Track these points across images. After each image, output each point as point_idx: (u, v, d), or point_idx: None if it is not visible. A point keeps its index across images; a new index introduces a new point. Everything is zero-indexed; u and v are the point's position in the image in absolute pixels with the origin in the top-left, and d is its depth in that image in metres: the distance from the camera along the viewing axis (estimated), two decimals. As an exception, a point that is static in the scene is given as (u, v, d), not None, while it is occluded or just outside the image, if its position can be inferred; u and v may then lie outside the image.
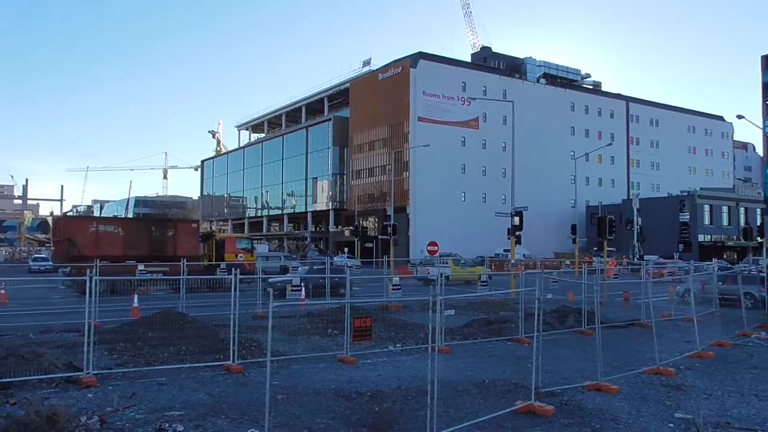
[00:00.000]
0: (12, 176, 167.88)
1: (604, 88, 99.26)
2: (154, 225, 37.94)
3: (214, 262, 33.58)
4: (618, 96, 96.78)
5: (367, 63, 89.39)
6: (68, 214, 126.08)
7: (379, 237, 61.63)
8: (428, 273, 35.17)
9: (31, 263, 50.10)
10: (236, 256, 35.54)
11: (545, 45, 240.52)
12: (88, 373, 10.88)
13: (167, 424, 8.32)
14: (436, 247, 34.05)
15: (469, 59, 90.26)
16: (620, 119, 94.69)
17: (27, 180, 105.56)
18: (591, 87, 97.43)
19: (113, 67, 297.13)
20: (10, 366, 10.90)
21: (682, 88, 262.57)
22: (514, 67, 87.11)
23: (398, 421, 8.57)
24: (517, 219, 30.45)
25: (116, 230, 34.23)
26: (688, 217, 70.13)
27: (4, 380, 10.26)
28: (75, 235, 32.70)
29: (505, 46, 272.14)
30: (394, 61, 79.05)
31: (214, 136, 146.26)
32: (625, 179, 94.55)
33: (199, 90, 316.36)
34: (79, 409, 8.93)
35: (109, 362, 12.44)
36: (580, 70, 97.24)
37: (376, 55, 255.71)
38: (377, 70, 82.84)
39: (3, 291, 23.29)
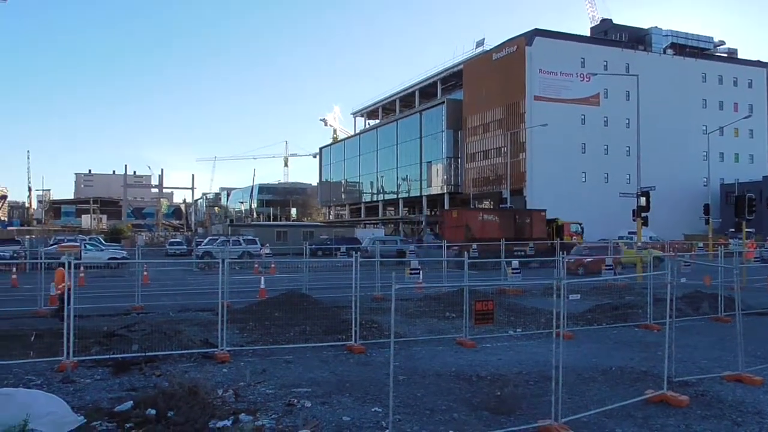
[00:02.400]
0: (149, 167, 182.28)
1: (740, 56, 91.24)
2: (517, 214, 47.85)
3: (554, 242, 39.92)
4: (757, 63, 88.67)
5: (480, 44, 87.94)
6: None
7: (495, 220, 60.79)
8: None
9: (167, 247, 54.09)
10: (571, 238, 41.67)
11: (672, 13, 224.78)
12: (222, 350, 11.61)
13: (296, 400, 8.70)
14: (555, 230, 33.12)
15: (587, 33, 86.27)
16: (760, 89, 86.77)
17: (162, 170, 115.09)
18: (725, 55, 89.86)
19: (236, 59, 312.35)
20: (154, 341, 11.86)
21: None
22: (637, 39, 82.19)
23: (521, 406, 8.43)
24: (643, 199, 28.81)
25: (494, 218, 44.68)
26: (842, 194, 63.27)
27: (150, 354, 11.18)
28: (470, 223, 41.96)
29: (628, 16, 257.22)
30: (509, 40, 77.09)
31: (326, 124, 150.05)
32: (765, 154, 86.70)
33: (317, 79, 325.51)
34: (215, 382, 9.53)
35: (240, 340, 13.20)
36: (712, 38, 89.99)
37: (490, 36, 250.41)
38: (491, 50, 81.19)
39: (146, 273, 25.28)
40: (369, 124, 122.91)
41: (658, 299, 14.91)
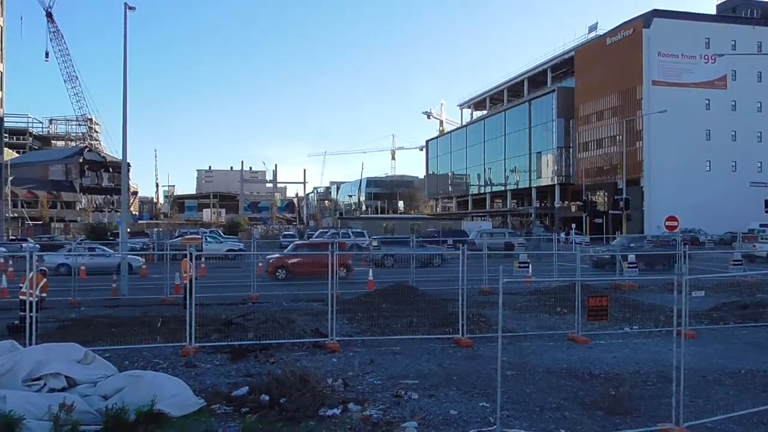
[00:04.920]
0: (264, 163, 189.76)
1: None
2: None
3: None
4: None
5: (593, 28, 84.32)
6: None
7: (610, 212, 58.30)
8: (755, 248, 32.24)
9: (281, 239, 56.21)
10: None
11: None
12: (332, 339, 11.90)
13: (403, 392, 8.75)
14: (676, 222, 31.14)
15: (713, 11, 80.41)
16: None
17: (276, 166, 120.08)
18: None
19: (343, 56, 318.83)
20: (269, 330, 12.37)
21: None
22: (771, 15, 75.53)
23: (638, 407, 8.01)
24: (777, 189, 26.41)
25: None
26: None
27: (264, 342, 11.67)
28: None
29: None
30: (624, 23, 73.34)
31: (429, 117, 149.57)
32: None
33: (424, 72, 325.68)
34: (325, 371, 9.77)
35: (350, 330, 13.48)
36: None
37: (604, 20, 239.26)
38: (605, 34, 77.62)
39: (261, 264, 26.38)
40: (476, 115, 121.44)
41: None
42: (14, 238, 55.37)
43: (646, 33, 68.72)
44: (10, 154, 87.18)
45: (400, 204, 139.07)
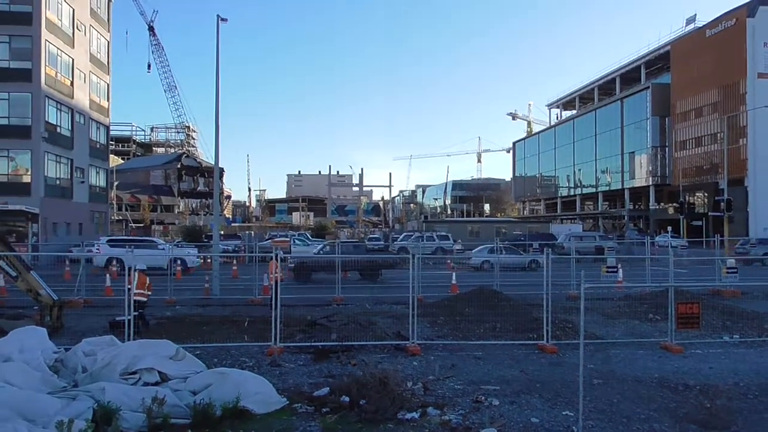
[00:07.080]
0: (351, 167, 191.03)
1: None
2: None
3: None
4: None
5: (691, 20, 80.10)
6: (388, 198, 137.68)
7: (710, 214, 55.06)
8: None
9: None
10: None
11: None
12: (413, 343, 11.90)
13: (483, 397, 8.63)
14: (785, 224, 29.04)
15: (827, -3, 74.42)
16: None
17: (362, 169, 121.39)
18: None
19: (428, 58, 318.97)
20: (351, 331, 12.54)
21: None
22: None
23: (735, 422, 7.52)
24: None
25: None
26: None
27: (346, 343, 11.82)
28: None
29: None
30: (726, 14, 69.19)
31: (514, 119, 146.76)
32: None
33: (510, 72, 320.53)
34: (405, 374, 9.79)
35: (431, 333, 13.43)
36: None
37: (702, 11, 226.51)
38: (704, 26, 73.53)
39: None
40: (564, 115, 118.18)
41: None
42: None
43: (751, 22, 64.57)
44: (115, 161, 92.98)
45: (486, 207, 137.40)
